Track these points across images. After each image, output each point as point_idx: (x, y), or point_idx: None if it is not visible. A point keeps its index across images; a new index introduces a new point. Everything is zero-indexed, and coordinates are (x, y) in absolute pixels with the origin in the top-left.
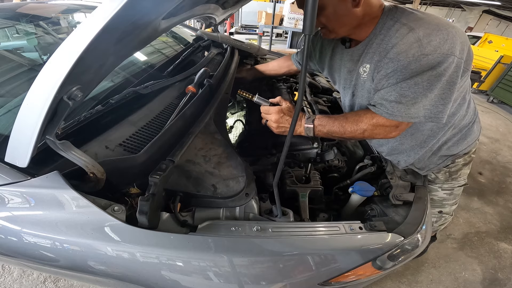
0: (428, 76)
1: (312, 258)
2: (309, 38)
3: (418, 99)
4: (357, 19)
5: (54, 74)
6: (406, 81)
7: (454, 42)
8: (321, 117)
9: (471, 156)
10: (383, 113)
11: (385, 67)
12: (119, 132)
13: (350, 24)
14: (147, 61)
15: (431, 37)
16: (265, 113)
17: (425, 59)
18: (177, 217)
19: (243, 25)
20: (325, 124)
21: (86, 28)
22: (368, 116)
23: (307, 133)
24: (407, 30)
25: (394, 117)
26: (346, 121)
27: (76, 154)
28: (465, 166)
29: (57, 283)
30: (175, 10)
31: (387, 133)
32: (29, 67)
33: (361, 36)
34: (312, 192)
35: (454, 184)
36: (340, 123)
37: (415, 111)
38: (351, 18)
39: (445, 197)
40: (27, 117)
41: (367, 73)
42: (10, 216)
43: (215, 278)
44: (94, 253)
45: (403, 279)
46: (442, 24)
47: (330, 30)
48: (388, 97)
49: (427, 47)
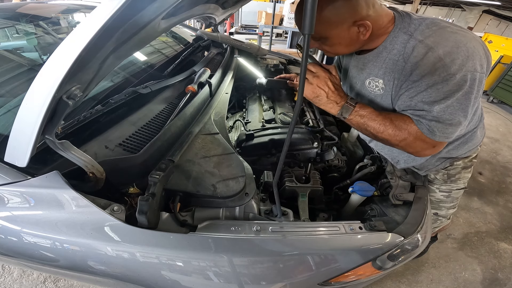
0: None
1: (312, 258)
2: (308, 38)
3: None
4: (362, 42)
5: (53, 73)
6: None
7: (475, 58)
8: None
9: (472, 161)
10: (423, 129)
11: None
12: (119, 132)
13: (353, 46)
14: (147, 61)
15: (452, 55)
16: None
17: (452, 79)
18: (177, 217)
19: (243, 25)
20: (365, 113)
21: (85, 28)
22: (414, 127)
23: (342, 112)
24: (425, 49)
25: (433, 135)
26: (390, 122)
27: (76, 153)
28: (464, 169)
29: (57, 283)
30: (174, 10)
31: (422, 150)
32: (29, 67)
33: (370, 46)
34: (312, 192)
35: (453, 187)
36: (383, 121)
37: (451, 131)
38: (358, 43)
39: (442, 199)
40: (27, 117)
41: (385, 90)
42: (9, 216)
43: (215, 278)
44: (93, 253)
45: (403, 279)
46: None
47: (332, 53)
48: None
49: (451, 67)
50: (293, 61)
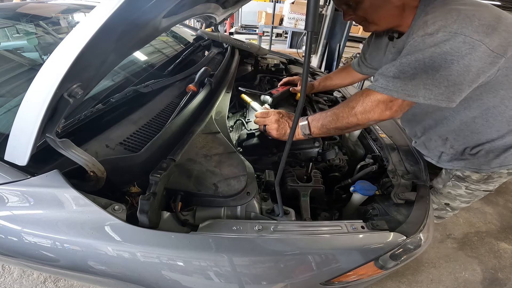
0: (431, 53)
1: (313, 258)
2: (311, 35)
3: (418, 75)
4: (396, 9)
5: (54, 70)
6: (406, 57)
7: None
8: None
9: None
10: (377, 87)
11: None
12: (120, 131)
13: (389, 15)
14: (147, 61)
15: (437, 18)
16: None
17: (430, 38)
18: (178, 216)
19: (243, 25)
20: (318, 118)
21: (86, 25)
22: (358, 93)
23: (303, 131)
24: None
25: (388, 91)
26: (337, 108)
27: (76, 152)
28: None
29: (57, 283)
30: (175, 8)
31: (381, 112)
32: (29, 67)
33: (404, 28)
34: (314, 191)
35: (481, 187)
36: (332, 112)
37: (412, 88)
38: (389, 9)
39: (463, 194)
40: (27, 114)
41: None
42: (9, 215)
43: (216, 278)
44: (94, 252)
45: (403, 279)
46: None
47: (369, 22)
48: (386, 73)
49: (430, 27)
50: (294, 60)
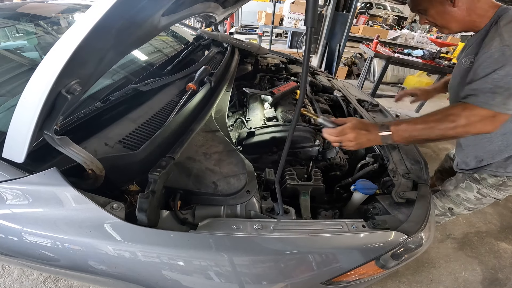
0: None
1: (314, 257)
2: (311, 31)
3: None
4: (461, 15)
5: (51, 66)
6: (497, 72)
7: None
8: (396, 122)
9: None
10: (477, 103)
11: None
12: (119, 129)
13: (456, 21)
14: (147, 60)
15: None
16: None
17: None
18: (177, 215)
19: (243, 25)
20: (404, 128)
21: (82, 22)
22: (458, 108)
23: (384, 141)
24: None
25: (492, 107)
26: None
27: (75, 150)
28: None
29: (57, 283)
30: (175, 6)
31: (483, 126)
32: (29, 66)
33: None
34: (314, 190)
35: (492, 193)
36: (424, 124)
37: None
38: (454, 16)
39: (471, 199)
40: (25, 110)
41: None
42: (7, 213)
43: (216, 278)
44: (92, 251)
45: (403, 279)
46: None
47: (440, 27)
48: (482, 89)
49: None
50: (294, 60)
